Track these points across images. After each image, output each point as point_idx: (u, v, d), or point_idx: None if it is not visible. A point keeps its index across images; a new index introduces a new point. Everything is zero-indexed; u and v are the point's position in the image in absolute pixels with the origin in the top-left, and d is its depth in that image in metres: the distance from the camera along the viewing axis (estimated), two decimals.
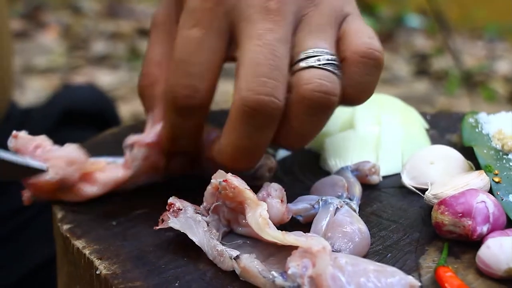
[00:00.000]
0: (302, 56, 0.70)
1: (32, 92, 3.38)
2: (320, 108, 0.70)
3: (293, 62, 0.70)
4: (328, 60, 0.70)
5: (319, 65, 0.69)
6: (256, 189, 0.70)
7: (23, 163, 0.74)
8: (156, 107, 0.78)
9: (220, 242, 0.68)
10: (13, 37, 1.39)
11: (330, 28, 0.73)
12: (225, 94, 2.20)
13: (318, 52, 0.70)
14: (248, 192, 0.68)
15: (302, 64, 0.70)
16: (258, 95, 0.66)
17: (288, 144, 0.74)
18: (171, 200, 0.70)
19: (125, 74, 3.64)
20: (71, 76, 3.65)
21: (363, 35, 0.73)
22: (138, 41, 4.18)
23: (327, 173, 0.86)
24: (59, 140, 1.33)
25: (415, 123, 0.94)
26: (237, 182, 0.68)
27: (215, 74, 0.71)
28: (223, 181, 0.68)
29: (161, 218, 0.70)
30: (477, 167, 0.81)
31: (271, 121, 0.68)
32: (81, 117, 1.43)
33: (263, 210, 0.66)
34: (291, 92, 0.69)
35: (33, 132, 1.27)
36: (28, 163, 0.74)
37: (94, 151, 0.92)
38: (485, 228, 0.69)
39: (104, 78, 3.58)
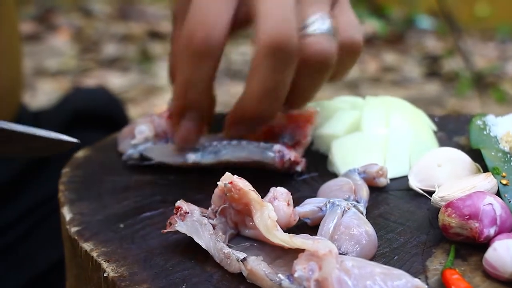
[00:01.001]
0: (309, 21, 0.79)
1: (43, 94, 3.39)
2: (323, 67, 0.79)
3: (299, 26, 0.78)
4: (329, 26, 0.79)
5: (322, 31, 0.78)
6: (265, 190, 0.71)
7: (56, 138, 0.75)
8: None
9: (227, 245, 0.68)
10: (23, 39, 1.39)
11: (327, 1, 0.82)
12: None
13: (321, 18, 0.79)
14: (253, 194, 0.68)
15: (310, 29, 0.78)
16: (282, 35, 0.74)
17: (292, 103, 0.83)
18: (178, 203, 0.70)
19: (136, 76, 3.65)
20: (82, 79, 3.66)
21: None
22: (149, 43, 4.19)
23: (334, 175, 0.86)
24: None
25: (423, 126, 0.93)
26: (242, 183, 0.69)
27: (228, 22, 0.77)
28: (229, 183, 0.69)
29: (168, 221, 0.70)
30: (485, 169, 0.81)
31: (292, 60, 0.76)
32: (91, 120, 1.44)
33: (271, 212, 0.66)
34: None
35: None
36: (60, 137, 0.75)
37: (104, 152, 0.93)
38: (492, 231, 0.69)
39: (115, 81, 3.59)
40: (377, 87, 3.74)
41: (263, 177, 0.82)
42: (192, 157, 0.85)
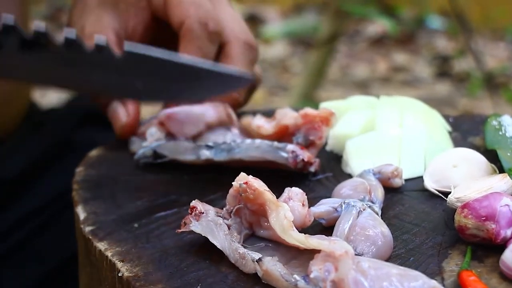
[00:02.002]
0: None
1: (54, 92, 3.40)
2: None
3: None
4: None
5: None
6: (280, 189, 0.70)
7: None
8: None
9: (242, 245, 0.68)
10: None
11: None
12: None
13: None
14: (268, 194, 0.68)
15: None
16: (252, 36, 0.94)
17: None
18: (193, 203, 0.70)
19: None
20: None
21: None
22: None
23: (349, 175, 0.86)
24: (78, 141, 1.34)
25: (437, 126, 0.93)
26: (257, 184, 0.68)
27: None
28: (244, 183, 0.68)
29: (183, 221, 0.70)
30: (501, 170, 0.80)
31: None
32: (102, 118, 1.44)
33: (287, 212, 0.66)
34: None
35: (53, 132, 1.28)
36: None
37: (117, 151, 0.93)
38: (509, 232, 0.68)
39: None
40: (387, 87, 3.74)
41: (278, 177, 0.81)
42: (205, 154, 0.85)
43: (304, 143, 0.86)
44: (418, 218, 0.76)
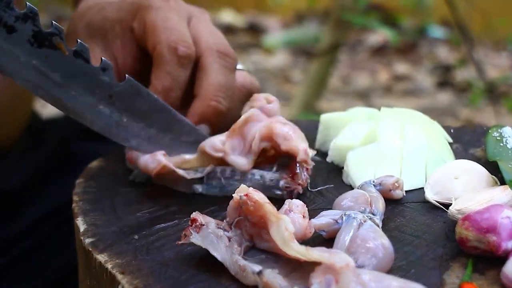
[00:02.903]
0: None
1: None
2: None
3: None
4: None
5: None
6: (279, 201, 0.70)
7: None
8: None
9: (243, 257, 0.68)
10: None
11: None
12: None
13: None
14: (269, 206, 0.68)
15: None
16: (225, 45, 0.93)
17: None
18: (194, 215, 0.70)
19: None
20: None
21: None
22: None
23: (349, 187, 0.86)
24: (78, 151, 1.34)
25: (438, 137, 0.93)
26: (257, 196, 0.68)
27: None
28: (244, 195, 0.68)
29: (183, 233, 0.70)
30: (502, 181, 0.80)
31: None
32: None
33: (288, 224, 0.66)
34: None
35: (54, 144, 1.27)
36: None
37: (117, 163, 0.93)
38: (510, 244, 0.68)
39: None
40: (388, 97, 3.74)
41: None
42: (198, 189, 0.85)
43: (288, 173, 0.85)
44: (419, 230, 0.76)
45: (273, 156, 0.86)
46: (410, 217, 0.79)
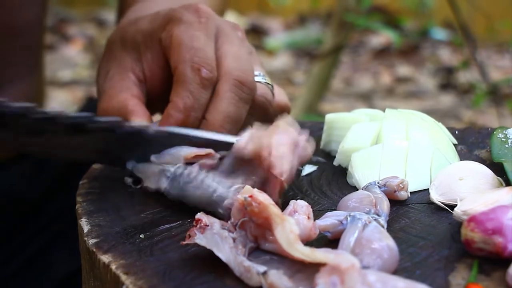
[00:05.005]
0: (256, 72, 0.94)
1: (57, 104, 3.40)
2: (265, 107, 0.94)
3: None
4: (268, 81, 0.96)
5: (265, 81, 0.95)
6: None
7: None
8: None
9: (247, 258, 0.68)
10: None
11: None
12: None
13: (263, 74, 0.96)
14: (273, 207, 0.67)
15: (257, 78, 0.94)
16: (247, 74, 0.89)
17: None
18: (198, 216, 0.70)
19: None
20: (95, 89, 3.67)
21: None
22: None
23: (354, 188, 0.85)
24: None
25: (443, 139, 0.93)
26: (262, 197, 0.68)
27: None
28: (249, 196, 0.68)
29: (188, 233, 0.69)
30: (507, 183, 0.80)
31: (252, 95, 0.90)
32: None
33: (293, 225, 0.66)
34: None
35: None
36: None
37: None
38: None
39: None
40: (391, 99, 3.74)
41: None
42: (164, 184, 0.83)
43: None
44: (424, 231, 0.76)
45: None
46: (415, 218, 0.79)
